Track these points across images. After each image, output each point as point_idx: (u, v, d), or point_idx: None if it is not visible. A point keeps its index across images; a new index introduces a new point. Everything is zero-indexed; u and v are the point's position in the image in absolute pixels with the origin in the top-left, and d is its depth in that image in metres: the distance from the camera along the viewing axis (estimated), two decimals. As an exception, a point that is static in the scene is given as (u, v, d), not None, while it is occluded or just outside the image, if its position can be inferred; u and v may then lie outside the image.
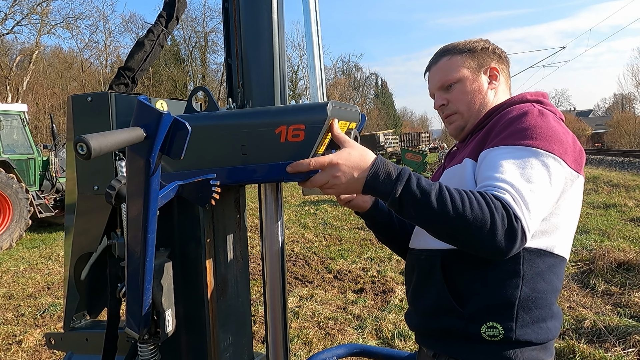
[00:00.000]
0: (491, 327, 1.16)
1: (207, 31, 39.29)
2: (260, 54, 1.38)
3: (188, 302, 1.44)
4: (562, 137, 1.15)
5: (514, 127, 1.16)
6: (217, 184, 1.26)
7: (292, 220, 10.13)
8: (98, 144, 0.79)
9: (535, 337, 1.16)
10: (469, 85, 1.35)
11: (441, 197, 1.03)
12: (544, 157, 1.10)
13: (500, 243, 1.02)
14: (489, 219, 1.00)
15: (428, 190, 1.04)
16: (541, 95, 1.33)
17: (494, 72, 1.37)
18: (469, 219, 1.00)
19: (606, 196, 10.42)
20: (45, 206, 10.05)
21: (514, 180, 1.06)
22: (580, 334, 3.77)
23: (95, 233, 1.47)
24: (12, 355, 4.08)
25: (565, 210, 1.19)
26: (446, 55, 1.39)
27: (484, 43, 1.39)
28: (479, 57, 1.36)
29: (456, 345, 1.21)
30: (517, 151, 1.11)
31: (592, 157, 24.83)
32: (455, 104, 1.37)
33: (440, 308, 1.23)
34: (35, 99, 28.86)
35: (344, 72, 59.97)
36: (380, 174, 1.09)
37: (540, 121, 1.15)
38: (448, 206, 1.02)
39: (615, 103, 67.19)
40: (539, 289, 1.17)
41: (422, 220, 1.07)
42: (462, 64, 1.36)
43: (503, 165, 1.10)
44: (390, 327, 4.15)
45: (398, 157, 24.70)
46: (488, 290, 1.17)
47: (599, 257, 5.37)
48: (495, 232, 1.01)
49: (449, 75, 1.37)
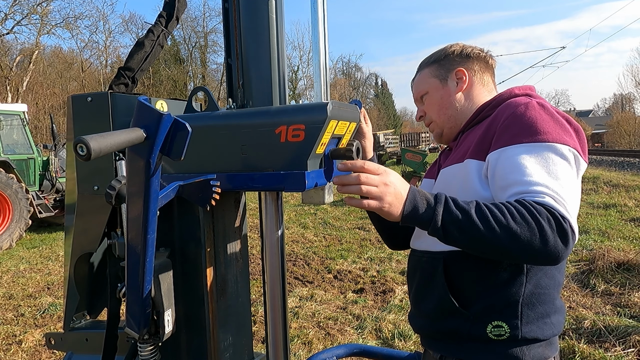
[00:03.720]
0: (497, 327, 1.16)
1: (207, 31, 39.32)
2: (260, 54, 1.38)
3: (188, 302, 1.44)
4: (567, 127, 1.15)
5: (521, 123, 1.14)
6: (217, 184, 1.26)
7: (292, 220, 10.13)
8: (98, 145, 0.79)
9: (541, 333, 1.16)
10: (436, 94, 1.41)
11: (481, 213, 1.01)
12: (562, 150, 1.10)
13: (554, 248, 1.00)
14: (536, 227, 0.99)
15: (467, 208, 1.03)
16: (529, 89, 1.34)
17: (460, 75, 1.39)
18: (515, 231, 0.99)
19: (606, 196, 10.42)
20: (45, 206, 10.04)
21: (545, 180, 1.05)
22: (580, 334, 3.77)
23: (95, 233, 1.47)
24: (12, 355, 4.08)
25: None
26: (420, 70, 1.47)
27: (450, 48, 1.42)
28: (444, 65, 1.41)
29: (462, 347, 1.21)
30: (534, 148, 1.10)
31: (592, 157, 24.82)
32: (429, 114, 1.45)
33: (444, 310, 1.23)
34: (35, 99, 28.85)
35: (344, 72, 60.00)
36: (418, 198, 1.06)
37: (544, 114, 1.15)
38: (491, 221, 1.00)
39: (615, 103, 67.20)
40: (542, 285, 1.18)
41: (468, 240, 1.04)
42: (430, 75, 1.43)
43: (527, 166, 1.07)
44: (390, 327, 4.15)
45: (398, 157, 24.71)
46: (492, 290, 1.17)
47: (599, 257, 5.37)
48: (547, 239, 0.99)
49: (419, 88, 1.46)
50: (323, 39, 1.38)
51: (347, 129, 1.36)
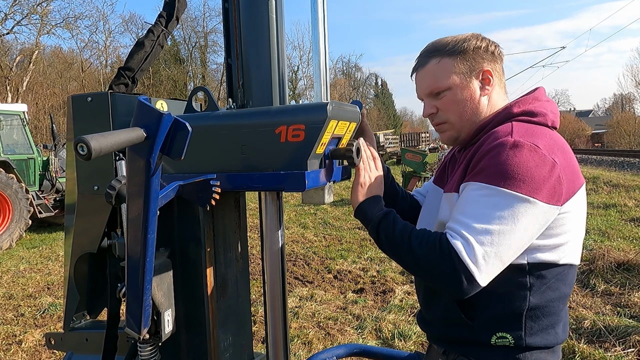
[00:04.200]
0: (501, 338, 1.17)
1: (207, 31, 39.32)
2: (260, 54, 1.38)
3: (188, 302, 1.44)
4: (534, 172, 1.07)
5: (485, 162, 1.11)
6: (217, 184, 1.26)
7: (292, 220, 10.13)
8: (98, 144, 0.79)
9: (544, 343, 1.17)
10: (460, 94, 1.25)
11: (401, 235, 1.17)
12: (508, 197, 1.06)
13: (448, 287, 1.09)
14: (432, 262, 1.09)
15: (393, 227, 1.20)
16: (530, 103, 1.23)
17: (487, 76, 1.26)
18: (417, 260, 1.12)
19: (606, 196, 10.42)
20: (45, 206, 10.04)
21: (477, 226, 1.06)
22: (580, 334, 3.77)
23: (95, 233, 1.47)
24: (12, 355, 4.07)
25: (566, 228, 1.15)
26: (435, 56, 1.27)
27: (476, 41, 1.26)
28: (471, 60, 1.25)
29: (468, 349, 1.22)
30: (484, 190, 1.09)
31: (592, 157, 24.82)
32: (446, 114, 1.28)
33: (450, 320, 1.24)
34: (35, 99, 28.84)
35: (344, 72, 59.99)
36: (379, 202, 1.30)
37: (511, 156, 1.08)
38: (404, 246, 1.15)
39: (615, 103, 67.18)
40: (546, 298, 1.17)
41: (390, 254, 1.22)
42: (452, 69, 1.25)
43: (470, 207, 1.10)
44: (390, 327, 4.15)
45: (398, 157, 24.68)
46: (496, 302, 1.17)
47: (599, 257, 5.37)
48: (442, 277, 1.08)
49: (438, 82, 1.26)
50: (323, 39, 1.38)
51: (347, 129, 1.36)
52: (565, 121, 61.95)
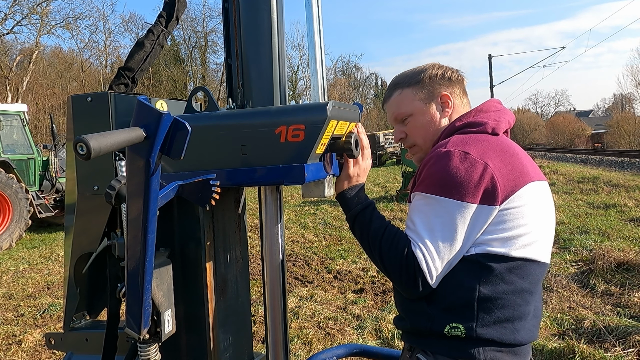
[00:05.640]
0: (454, 328, 1.20)
1: (207, 31, 39.31)
2: (260, 54, 1.38)
3: (188, 302, 1.44)
4: (464, 177, 1.18)
5: (424, 173, 1.25)
6: (217, 184, 1.26)
7: (292, 220, 10.13)
8: (98, 144, 0.79)
9: (498, 337, 1.19)
10: (422, 118, 1.40)
11: (375, 230, 1.28)
12: (444, 204, 1.19)
13: (402, 287, 1.23)
14: (393, 264, 1.22)
15: (370, 221, 1.31)
16: (473, 115, 1.35)
17: (445, 99, 1.39)
18: (382, 257, 1.25)
19: (606, 196, 10.42)
20: (45, 206, 10.05)
21: (425, 233, 1.20)
22: (580, 334, 3.77)
23: (95, 233, 1.47)
24: (12, 355, 4.08)
25: (516, 223, 1.21)
26: (397, 88, 1.43)
27: (431, 70, 1.40)
28: (428, 87, 1.39)
29: (426, 340, 1.26)
30: (424, 199, 1.23)
31: (592, 157, 24.83)
32: (413, 137, 1.43)
33: (408, 309, 1.29)
34: (35, 99, 28.85)
35: (344, 72, 60.02)
36: (360, 191, 1.40)
37: (443, 166, 1.21)
38: (375, 242, 1.27)
39: (615, 103, 67.26)
40: (498, 290, 1.20)
41: (361, 243, 1.34)
42: (412, 97, 1.40)
43: (417, 216, 1.24)
44: (390, 327, 4.15)
45: (398, 157, 24.70)
46: (449, 292, 1.21)
47: (599, 257, 5.37)
48: (400, 278, 1.21)
49: (400, 109, 1.42)
50: (319, 39, 1.38)
51: (347, 129, 1.36)
52: (565, 121, 61.87)
